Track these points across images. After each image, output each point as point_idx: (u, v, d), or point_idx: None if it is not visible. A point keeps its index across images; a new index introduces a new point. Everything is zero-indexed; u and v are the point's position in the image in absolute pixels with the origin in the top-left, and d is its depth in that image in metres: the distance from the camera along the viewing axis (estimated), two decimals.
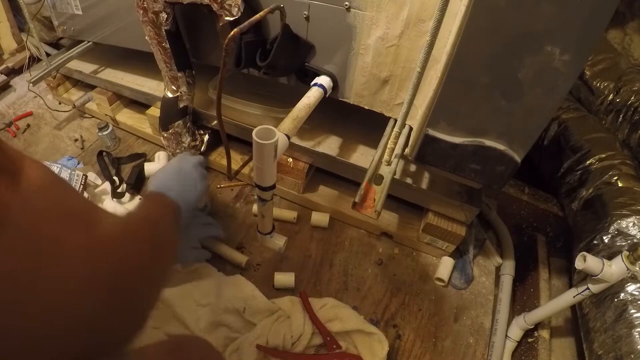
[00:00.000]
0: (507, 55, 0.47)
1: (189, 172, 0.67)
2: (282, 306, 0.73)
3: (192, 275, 0.80)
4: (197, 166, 0.70)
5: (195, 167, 0.70)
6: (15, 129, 1.16)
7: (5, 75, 1.32)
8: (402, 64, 0.64)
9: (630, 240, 0.72)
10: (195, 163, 0.70)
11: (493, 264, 0.89)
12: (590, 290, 0.62)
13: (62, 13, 1.03)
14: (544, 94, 0.48)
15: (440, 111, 0.56)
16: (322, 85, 0.69)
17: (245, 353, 0.68)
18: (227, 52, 0.60)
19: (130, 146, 1.11)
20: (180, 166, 0.68)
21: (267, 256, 0.86)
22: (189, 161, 0.70)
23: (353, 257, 0.87)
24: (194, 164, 0.70)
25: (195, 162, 0.70)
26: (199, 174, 0.69)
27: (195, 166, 0.69)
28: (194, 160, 0.71)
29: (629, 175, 0.83)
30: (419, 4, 0.56)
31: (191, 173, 0.68)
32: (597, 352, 0.67)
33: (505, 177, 0.59)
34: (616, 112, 0.99)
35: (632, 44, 1.11)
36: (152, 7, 0.71)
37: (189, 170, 0.68)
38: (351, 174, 0.82)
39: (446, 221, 0.79)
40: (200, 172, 0.70)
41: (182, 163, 0.69)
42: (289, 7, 0.65)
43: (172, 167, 0.67)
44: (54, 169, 0.87)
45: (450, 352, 0.74)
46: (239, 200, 0.97)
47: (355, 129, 0.87)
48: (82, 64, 1.13)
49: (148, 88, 1.02)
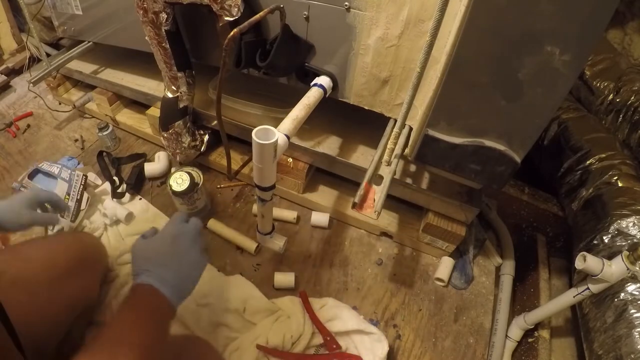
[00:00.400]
0: (507, 55, 0.47)
1: (187, 251, 0.54)
2: (282, 306, 0.73)
3: None
4: (197, 239, 0.57)
5: (195, 241, 0.56)
6: (16, 129, 1.16)
7: (5, 75, 1.32)
8: (402, 64, 0.64)
9: (630, 240, 0.72)
10: (195, 235, 0.56)
11: (493, 264, 0.89)
12: (590, 290, 0.62)
13: (62, 13, 1.03)
14: (544, 94, 0.48)
15: (440, 111, 0.56)
16: (322, 85, 0.69)
17: (245, 353, 0.68)
18: (227, 52, 0.60)
19: (130, 146, 1.11)
20: (177, 241, 0.54)
21: (267, 256, 0.86)
22: (187, 233, 0.56)
23: (353, 257, 0.87)
24: (193, 236, 0.56)
25: (194, 234, 0.56)
26: (199, 251, 0.56)
27: (195, 240, 0.56)
28: (193, 231, 0.57)
29: (629, 175, 0.83)
30: (418, 4, 0.56)
31: (190, 251, 0.54)
32: (597, 352, 0.67)
33: (505, 177, 0.59)
34: (616, 112, 0.99)
35: (632, 44, 1.11)
36: (152, 7, 0.71)
37: (188, 248, 0.54)
38: (351, 174, 0.82)
39: (446, 221, 0.79)
40: (200, 247, 0.57)
41: (179, 237, 0.55)
42: (289, 8, 0.65)
43: (166, 242, 0.54)
44: (54, 170, 0.88)
45: (450, 352, 0.74)
46: (239, 200, 0.97)
47: (355, 129, 0.87)
48: (82, 64, 1.13)
49: (148, 88, 1.02)
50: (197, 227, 0.58)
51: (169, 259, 0.52)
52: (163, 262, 0.51)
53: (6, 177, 1.02)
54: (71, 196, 0.86)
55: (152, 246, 0.54)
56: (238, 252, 0.86)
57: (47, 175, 0.88)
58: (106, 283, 0.77)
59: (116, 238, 0.87)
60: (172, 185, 0.83)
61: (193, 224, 0.58)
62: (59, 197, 0.71)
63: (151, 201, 0.95)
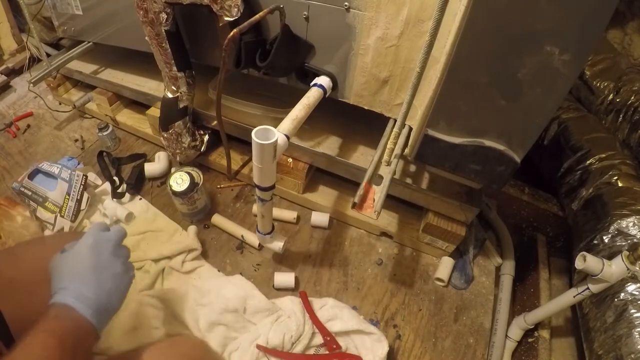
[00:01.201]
0: (507, 55, 0.47)
1: (109, 263, 0.49)
2: (282, 306, 0.73)
3: (192, 275, 0.81)
4: (120, 248, 0.52)
5: (118, 250, 0.51)
6: (16, 130, 1.16)
7: (5, 75, 1.33)
8: (402, 64, 0.64)
9: (630, 240, 0.72)
10: (116, 244, 0.51)
11: (493, 264, 0.89)
12: (590, 290, 0.61)
13: (62, 13, 1.03)
14: (544, 94, 0.48)
15: (440, 111, 0.56)
16: (321, 85, 0.69)
17: (245, 353, 0.68)
18: (227, 52, 0.61)
19: (130, 146, 1.11)
20: (96, 253, 0.48)
21: (267, 256, 0.86)
22: (107, 242, 0.50)
23: (353, 257, 0.87)
24: (114, 245, 0.51)
25: (115, 243, 0.51)
26: (123, 262, 0.51)
27: (117, 249, 0.51)
28: (114, 239, 0.51)
29: (629, 175, 0.83)
30: (418, 4, 0.56)
31: (112, 263, 0.49)
32: (598, 352, 0.67)
33: (505, 177, 0.59)
34: (616, 112, 0.98)
35: (632, 44, 1.11)
36: (153, 7, 0.71)
37: (109, 259, 0.49)
38: (351, 174, 0.82)
39: (446, 221, 0.79)
40: (123, 258, 0.52)
41: (98, 247, 0.49)
42: (289, 8, 0.65)
43: (83, 254, 0.48)
44: (54, 170, 0.88)
45: (450, 352, 0.74)
46: (239, 200, 0.97)
47: (355, 129, 0.87)
48: (83, 64, 1.13)
49: (148, 88, 1.02)
50: (119, 236, 0.53)
51: (88, 273, 0.46)
52: (81, 277, 0.46)
53: (6, 178, 1.02)
54: (71, 196, 0.86)
55: (68, 260, 0.48)
56: (238, 252, 0.86)
57: (47, 175, 0.88)
58: None
59: None
60: (172, 186, 0.83)
61: (114, 232, 0.52)
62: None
63: (151, 201, 0.95)
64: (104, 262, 0.48)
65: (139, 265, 0.80)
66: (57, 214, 0.86)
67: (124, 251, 0.53)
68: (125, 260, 0.52)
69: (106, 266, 0.48)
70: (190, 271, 0.81)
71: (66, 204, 0.86)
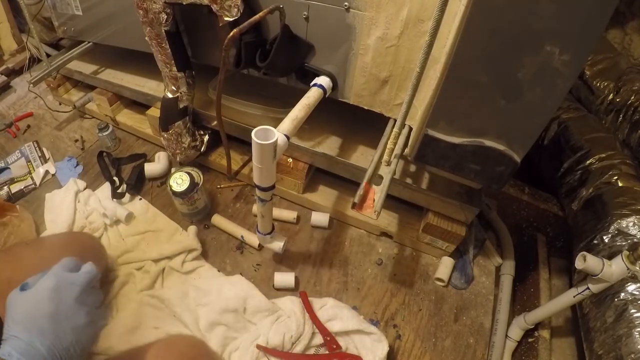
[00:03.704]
0: (507, 55, 0.47)
1: (71, 311, 0.42)
2: (282, 306, 0.73)
3: (192, 275, 0.81)
4: (86, 295, 0.45)
5: (83, 297, 0.44)
6: (16, 130, 1.16)
7: (5, 76, 1.33)
8: (402, 64, 0.64)
9: (630, 239, 0.72)
10: (82, 289, 0.44)
11: (493, 264, 0.89)
12: (590, 290, 0.62)
13: (62, 14, 1.03)
14: (544, 94, 0.48)
15: (440, 111, 0.56)
16: (321, 85, 0.69)
17: (245, 353, 0.68)
18: (227, 52, 0.61)
19: (130, 147, 1.11)
20: (57, 298, 0.42)
21: (267, 256, 0.86)
22: (71, 287, 0.44)
23: (353, 257, 0.87)
24: (79, 292, 0.44)
25: (81, 289, 0.44)
26: (88, 311, 0.44)
27: (82, 296, 0.44)
28: (80, 283, 0.45)
29: (629, 174, 0.83)
30: (418, 4, 0.56)
31: (75, 311, 0.43)
32: (598, 352, 0.67)
33: (504, 177, 0.59)
34: (616, 111, 0.99)
35: (632, 44, 1.11)
36: (152, 7, 0.71)
37: (72, 307, 0.43)
38: (351, 174, 0.82)
39: (446, 221, 0.79)
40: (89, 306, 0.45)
41: (60, 292, 0.43)
42: (289, 8, 0.65)
43: (43, 298, 0.42)
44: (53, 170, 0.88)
45: (450, 352, 0.74)
46: (239, 200, 0.97)
47: (355, 129, 0.87)
48: (83, 64, 1.13)
49: (148, 88, 1.02)
50: (87, 279, 0.46)
51: (46, 321, 0.40)
52: (37, 326, 0.39)
53: None
54: (33, 159, 1.03)
55: (25, 302, 0.41)
56: (238, 252, 0.86)
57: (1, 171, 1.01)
58: (106, 284, 0.77)
59: (116, 238, 0.87)
60: (172, 186, 0.83)
61: (82, 274, 0.46)
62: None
63: (151, 201, 0.95)
64: (65, 311, 0.42)
65: (139, 265, 0.80)
66: (30, 175, 1.00)
67: (92, 298, 0.46)
68: (92, 309, 0.45)
69: (67, 316, 0.42)
70: (190, 271, 0.81)
71: (32, 166, 1.02)
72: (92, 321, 0.44)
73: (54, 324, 0.41)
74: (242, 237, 0.86)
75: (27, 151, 1.06)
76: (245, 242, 0.87)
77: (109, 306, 0.74)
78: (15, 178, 1.00)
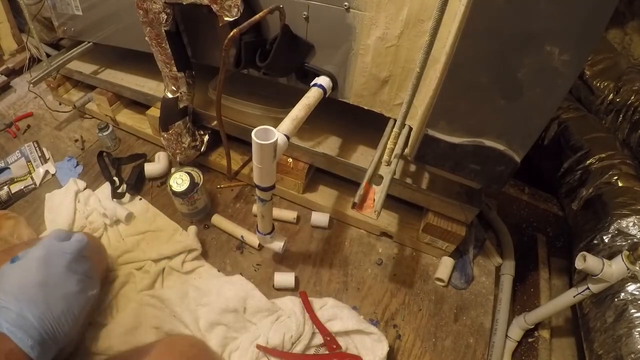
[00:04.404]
0: (507, 55, 0.47)
1: (62, 279, 0.42)
2: (282, 306, 0.73)
3: (192, 275, 0.81)
4: (76, 263, 0.44)
5: (74, 264, 0.44)
6: (16, 130, 1.16)
7: (5, 76, 1.32)
8: (402, 64, 0.64)
9: (630, 239, 0.72)
10: (73, 257, 0.44)
11: (493, 264, 0.89)
12: (590, 290, 0.62)
13: (62, 14, 1.03)
14: (544, 94, 0.48)
15: (440, 111, 0.56)
16: (321, 85, 0.69)
17: (245, 353, 0.68)
18: (226, 52, 0.61)
19: (130, 147, 1.11)
20: (47, 266, 0.41)
21: (267, 256, 0.86)
22: (61, 255, 0.43)
23: (353, 257, 0.87)
24: (71, 258, 0.44)
25: (71, 257, 0.44)
26: (79, 278, 0.44)
27: (73, 263, 0.44)
28: (71, 251, 0.44)
29: (629, 174, 0.83)
30: (418, 4, 0.56)
31: (66, 279, 0.42)
32: (598, 352, 0.67)
33: (504, 177, 0.59)
34: (616, 111, 0.99)
35: (632, 44, 1.11)
36: (153, 7, 0.71)
37: (62, 274, 0.42)
38: (351, 174, 0.82)
39: (446, 221, 0.79)
40: (80, 274, 0.44)
41: (50, 260, 0.42)
42: (289, 8, 0.65)
43: (32, 267, 0.41)
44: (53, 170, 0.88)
45: (450, 352, 0.74)
46: (239, 200, 0.97)
47: (355, 129, 0.87)
48: (83, 64, 1.13)
49: (148, 88, 1.02)
50: (78, 247, 0.45)
51: (35, 291, 0.39)
52: (26, 295, 0.39)
53: None
54: (33, 160, 1.02)
55: (16, 273, 0.41)
56: (238, 252, 0.86)
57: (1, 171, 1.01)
58: (106, 284, 0.77)
59: (116, 238, 0.87)
60: (172, 186, 0.83)
61: (73, 242, 0.45)
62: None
63: (151, 201, 0.95)
64: (55, 279, 0.41)
65: (139, 265, 0.80)
66: (30, 175, 1.00)
67: (83, 266, 0.44)
68: (83, 277, 0.44)
69: (57, 283, 0.41)
70: (190, 271, 0.81)
71: (32, 166, 1.01)
72: (83, 289, 0.44)
73: (44, 293, 0.40)
74: (242, 237, 0.86)
75: (27, 151, 1.06)
76: (245, 242, 0.87)
77: (110, 307, 0.74)
78: (15, 178, 1.00)
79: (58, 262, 0.43)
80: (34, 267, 0.41)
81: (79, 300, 0.43)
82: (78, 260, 0.44)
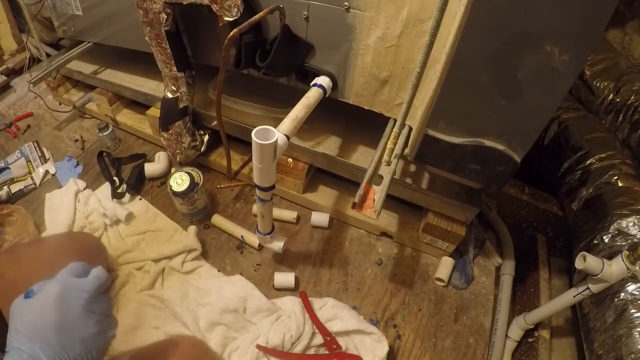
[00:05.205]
0: (507, 55, 0.47)
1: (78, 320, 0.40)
2: (282, 306, 0.73)
3: (192, 275, 0.81)
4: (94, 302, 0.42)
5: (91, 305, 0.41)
6: (16, 130, 1.16)
7: (5, 75, 1.33)
8: (402, 64, 0.64)
9: (630, 239, 0.72)
10: (91, 296, 0.42)
11: (493, 264, 0.89)
12: (590, 290, 0.62)
13: (62, 14, 1.03)
14: (544, 94, 0.48)
15: (440, 111, 0.56)
16: (321, 85, 0.69)
17: (245, 353, 0.68)
18: (226, 53, 0.61)
19: (130, 147, 1.11)
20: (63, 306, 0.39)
21: (267, 256, 0.86)
22: (79, 294, 0.41)
23: (353, 257, 0.87)
24: (87, 299, 0.41)
25: (89, 296, 0.41)
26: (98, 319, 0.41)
27: (90, 304, 0.41)
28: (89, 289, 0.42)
29: (629, 175, 0.83)
30: (418, 4, 0.56)
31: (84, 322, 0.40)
32: (598, 352, 0.67)
33: (504, 177, 0.59)
34: (616, 111, 0.99)
35: (632, 44, 1.11)
36: (153, 7, 0.71)
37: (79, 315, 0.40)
38: (351, 174, 0.82)
39: (446, 221, 0.79)
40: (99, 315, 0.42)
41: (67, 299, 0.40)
42: (289, 8, 0.65)
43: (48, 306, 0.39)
44: (53, 170, 0.88)
45: (450, 352, 0.74)
46: (239, 200, 0.97)
47: (355, 129, 0.87)
48: (83, 64, 1.13)
49: (148, 88, 1.02)
50: (97, 284, 0.43)
51: (50, 332, 0.37)
52: (41, 337, 0.37)
53: None
54: (33, 160, 1.03)
55: (30, 311, 0.39)
56: (238, 252, 0.86)
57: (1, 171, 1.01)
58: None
59: (116, 238, 0.87)
60: (172, 186, 0.83)
61: (91, 279, 0.43)
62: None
63: (151, 201, 0.95)
64: (72, 320, 0.39)
65: (139, 265, 0.80)
66: (30, 175, 1.00)
67: (101, 305, 0.42)
68: (101, 317, 0.41)
69: (75, 325, 0.39)
70: (190, 271, 0.81)
71: (32, 166, 1.02)
72: (101, 330, 0.41)
73: (59, 335, 0.38)
74: (242, 237, 0.86)
75: (27, 151, 1.06)
76: (245, 242, 0.87)
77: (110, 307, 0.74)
78: (15, 178, 1.00)
79: (75, 301, 0.40)
80: (50, 306, 0.39)
81: (97, 342, 0.41)
82: (96, 299, 0.42)
